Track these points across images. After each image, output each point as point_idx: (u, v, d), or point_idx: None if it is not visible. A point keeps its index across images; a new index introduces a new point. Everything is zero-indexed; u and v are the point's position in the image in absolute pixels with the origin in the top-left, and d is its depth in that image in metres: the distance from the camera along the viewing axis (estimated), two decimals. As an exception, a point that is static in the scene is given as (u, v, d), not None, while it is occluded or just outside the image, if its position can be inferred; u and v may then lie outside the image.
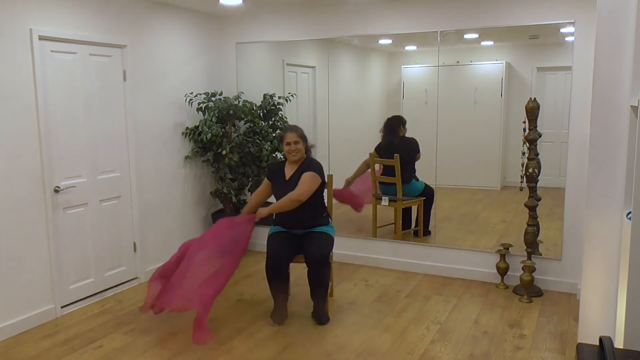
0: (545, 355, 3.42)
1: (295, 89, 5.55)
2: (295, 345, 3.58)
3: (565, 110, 4.41)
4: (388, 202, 5.18)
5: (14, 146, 3.70)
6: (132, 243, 4.73)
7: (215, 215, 5.48)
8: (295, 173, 3.95)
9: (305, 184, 3.80)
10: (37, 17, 3.80)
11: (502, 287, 4.58)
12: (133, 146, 4.63)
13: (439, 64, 4.87)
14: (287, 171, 3.98)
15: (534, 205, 4.40)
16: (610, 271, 2.80)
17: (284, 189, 3.88)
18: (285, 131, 3.99)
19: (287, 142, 3.91)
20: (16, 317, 3.78)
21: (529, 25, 4.35)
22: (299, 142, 3.91)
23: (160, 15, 4.85)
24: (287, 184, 3.92)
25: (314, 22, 5.16)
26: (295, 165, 3.97)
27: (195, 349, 3.53)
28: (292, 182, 3.91)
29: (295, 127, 4.02)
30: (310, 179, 3.83)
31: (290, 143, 3.89)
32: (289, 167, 3.99)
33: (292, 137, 3.90)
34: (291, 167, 3.98)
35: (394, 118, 5.21)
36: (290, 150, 3.91)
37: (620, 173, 2.69)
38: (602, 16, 2.70)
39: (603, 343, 1.91)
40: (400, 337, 3.69)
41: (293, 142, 3.89)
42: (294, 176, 3.94)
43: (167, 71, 4.98)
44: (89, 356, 3.45)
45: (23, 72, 3.72)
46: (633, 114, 2.54)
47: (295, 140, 3.89)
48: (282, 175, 3.98)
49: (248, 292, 4.55)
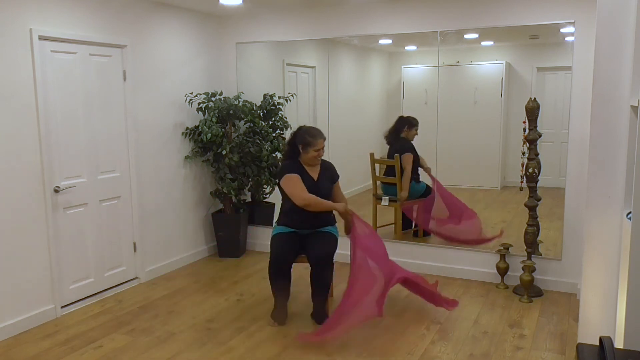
0: (545, 355, 3.42)
1: (295, 89, 5.55)
2: (295, 345, 3.58)
3: (565, 110, 4.41)
4: (388, 202, 5.18)
5: (14, 146, 3.69)
6: (132, 243, 4.73)
7: (216, 215, 5.48)
8: (320, 174, 3.97)
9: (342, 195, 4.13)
10: (37, 17, 3.80)
11: (502, 287, 4.58)
12: (133, 146, 4.63)
13: (439, 64, 4.87)
14: (311, 173, 3.94)
15: (534, 205, 4.40)
16: (610, 271, 2.80)
17: (314, 190, 3.86)
18: (314, 137, 3.86)
19: (316, 149, 3.86)
20: (16, 317, 3.78)
21: (529, 25, 4.35)
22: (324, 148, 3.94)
23: (160, 15, 4.85)
24: (316, 184, 3.91)
25: (314, 22, 5.16)
26: (315, 168, 3.98)
27: (195, 349, 3.53)
28: (320, 183, 3.93)
29: (320, 131, 3.95)
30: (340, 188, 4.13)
31: (319, 150, 3.87)
32: (310, 168, 3.96)
33: (322, 144, 3.88)
34: (313, 168, 3.97)
35: (400, 119, 5.20)
36: (319, 155, 3.90)
37: (620, 173, 2.69)
38: (602, 16, 2.70)
39: (603, 343, 1.91)
40: (400, 337, 3.69)
41: (322, 147, 3.89)
42: (320, 177, 3.96)
43: (167, 71, 4.98)
44: (89, 356, 3.45)
45: (23, 72, 3.72)
46: (633, 114, 2.54)
47: (323, 147, 3.90)
48: (306, 176, 3.92)
49: (248, 292, 4.55)
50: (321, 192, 3.88)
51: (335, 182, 4.07)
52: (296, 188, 3.81)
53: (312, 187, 3.87)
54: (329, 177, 4.02)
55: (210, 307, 4.24)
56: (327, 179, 4.00)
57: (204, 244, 5.60)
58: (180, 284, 4.76)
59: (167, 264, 5.10)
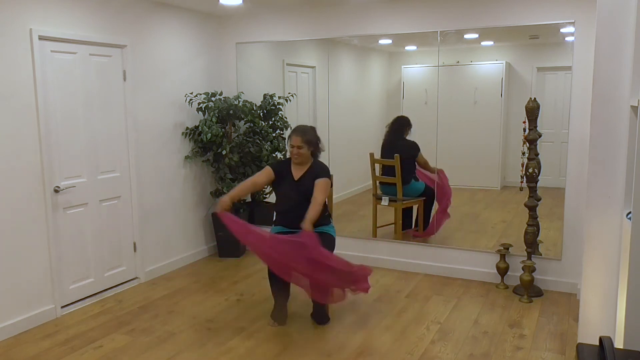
0: (545, 355, 3.42)
1: (295, 89, 5.55)
2: (295, 345, 3.58)
3: (565, 110, 4.41)
4: (388, 202, 5.18)
5: (14, 146, 3.69)
6: (132, 243, 4.73)
7: (216, 215, 5.47)
8: (304, 175, 3.92)
9: (322, 191, 3.84)
10: (37, 17, 3.80)
11: (502, 287, 4.58)
12: (133, 146, 4.63)
13: (439, 64, 4.87)
14: (294, 172, 3.94)
15: (534, 205, 4.40)
16: (610, 271, 2.80)
17: (293, 189, 3.86)
18: (292, 132, 3.93)
19: (291, 145, 3.89)
20: (16, 317, 3.78)
21: (529, 25, 4.35)
22: (303, 147, 3.85)
23: (160, 15, 4.85)
24: (296, 184, 3.89)
25: (314, 22, 5.16)
26: (302, 167, 3.94)
27: (195, 349, 3.53)
28: (301, 184, 3.89)
29: (304, 130, 3.92)
30: (325, 185, 3.86)
31: (294, 146, 3.87)
32: (295, 168, 3.95)
33: (296, 141, 3.86)
34: (298, 169, 3.95)
35: (401, 118, 5.20)
36: (293, 153, 3.89)
37: (620, 173, 2.69)
38: (602, 16, 2.70)
39: (603, 343, 1.91)
40: (400, 337, 3.69)
41: (297, 146, 3.86)
42: (302, 178, 3.91)
43: (167, 71, 4.98)
44: (89, 356, 3.45)
45: (23, 72, 3.72)
46: (633, 114, 2.54)
47: (299, 145, 3.85)
48: (289, 175, 3.94)
49: (248, 292, 4.55)
50: (300, 191, 3.84)
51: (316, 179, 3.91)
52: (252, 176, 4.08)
53: (290, 186, 3.89)
54: (313, 178, 3.91)
55: (210, 307, 4.24)
56: (310, 179, 3.89)
57: (204, 244, 5.60)
58: (180, 284, 4.76)
59: (167, 264, 5.10)
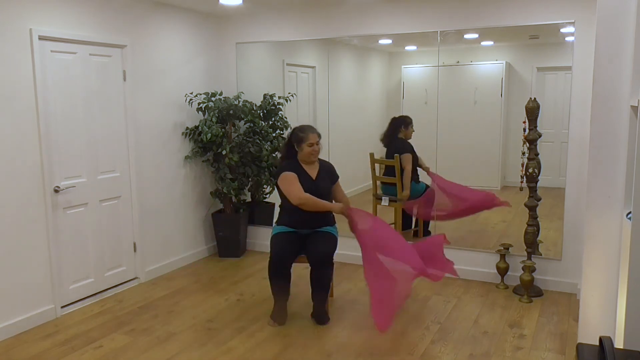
0: (545, 355, 3.42)
1: (295, 89, 5.55)
2: (295, 345, 3.58)
3: (565, 110, 4.41)
4: (388, 202, 5.18)
5: (14, 146, 3.69)
6: (132, 243, 4.73)
7: (216, 215, 5.48)
8: (320, 173, 3.96)
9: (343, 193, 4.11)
10: (37, 17, 3.80)
11: (502, 287, 4.57)
12: (133, 146, 4.63)
13: (439, 64, 4.87)
14: (309, 171, 3.94)
15: (534, 205, 4.40)
16: (610, 271, 2.80)
17: (312, 189, 3.84)
18: (304, 132, 3.89)
19: (309, 143, 3.86)
20: (16, 317, 3.78)
21: (529, 25, 4.35)
22: (319, 143, 3.92)
23: (160, 15, 4.85)
24: (314, 183, 3.90)
25: (314, 22, 5.16)
26: (314, 166, 3.97)
27: (195, 349, 3.53)
28: (319, 182, 3.91)
29: (312, 127, 3.98)
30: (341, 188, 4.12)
31: (314, 144, 3.87)
32: (309, 167, 3.95)
33: (315, 138, 3.87)
34: (312, 168, 3.95)
35: (398, 118, 5.19)
36: (314, 150, 3.88)
37: (620, 173, 2.69)
38: (602, 16, 2.70)
39: (603, 343, 1.91)
40: (400, 337, 3.69)
41: (316, 142, 3.88)
42: (319, 176, 3.94)
43: (167, 71, 4.98)
44: (89, 356, 3.45)
45: (23, 72, 3.72)
46: (633, 114, 2.54)
47: (317, 141, 3.89)
48: (304, 174, 3.91)
49: (248, 292, 4.55)
50: (320, 191, 3.87)
51: (335, 182, 4.07)
52: (292, 186, 3.80)
53: (310, 186, 3.86)
54: (328, 176, 4.02)
55: (210, 307, 4.24)
56: (326, 178, 3.99)
57: (204, 244, 5.60)
58: (180, 284, 4.76)
59: (167, 264, 5.10)
